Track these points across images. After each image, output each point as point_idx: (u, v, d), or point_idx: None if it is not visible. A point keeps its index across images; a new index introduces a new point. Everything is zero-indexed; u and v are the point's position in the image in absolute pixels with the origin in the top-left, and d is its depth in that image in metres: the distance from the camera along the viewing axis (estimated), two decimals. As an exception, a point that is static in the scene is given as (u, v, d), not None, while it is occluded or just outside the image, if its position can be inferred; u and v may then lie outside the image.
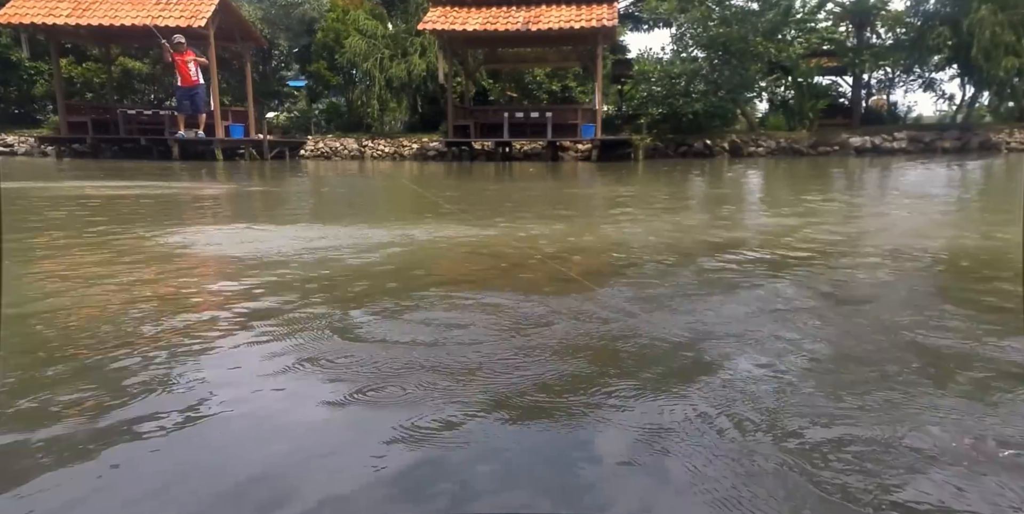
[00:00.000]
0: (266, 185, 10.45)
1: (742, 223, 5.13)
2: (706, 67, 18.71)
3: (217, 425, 1.38)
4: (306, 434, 1.34)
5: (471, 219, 5.09)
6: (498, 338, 1.93)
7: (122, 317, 2.17)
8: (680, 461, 1.20)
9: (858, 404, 1.44)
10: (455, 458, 1.22)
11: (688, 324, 2.08)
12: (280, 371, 1.67)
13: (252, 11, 25.08)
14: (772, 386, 1.55)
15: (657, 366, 1.70)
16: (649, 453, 1.23)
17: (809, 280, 2.77)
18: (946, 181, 9.73)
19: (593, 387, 1.55)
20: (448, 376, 1.62)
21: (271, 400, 1.50)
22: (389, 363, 1.71)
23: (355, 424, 1.38)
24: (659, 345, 1.87)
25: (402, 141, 20.92)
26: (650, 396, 1.50)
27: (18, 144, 20.80)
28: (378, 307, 2.31)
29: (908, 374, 1.63)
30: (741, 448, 1.24)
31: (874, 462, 1.19)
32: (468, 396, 1.49)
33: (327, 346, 1.86)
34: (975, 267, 3.12)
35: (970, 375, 1.62)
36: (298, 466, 1.19)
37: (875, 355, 1.79)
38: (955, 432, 1.30)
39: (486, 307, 2.30)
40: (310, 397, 1.52)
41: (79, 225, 4.79)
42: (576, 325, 2.07)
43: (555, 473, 1.17)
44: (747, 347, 1.84)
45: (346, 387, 1.55)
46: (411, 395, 1.50)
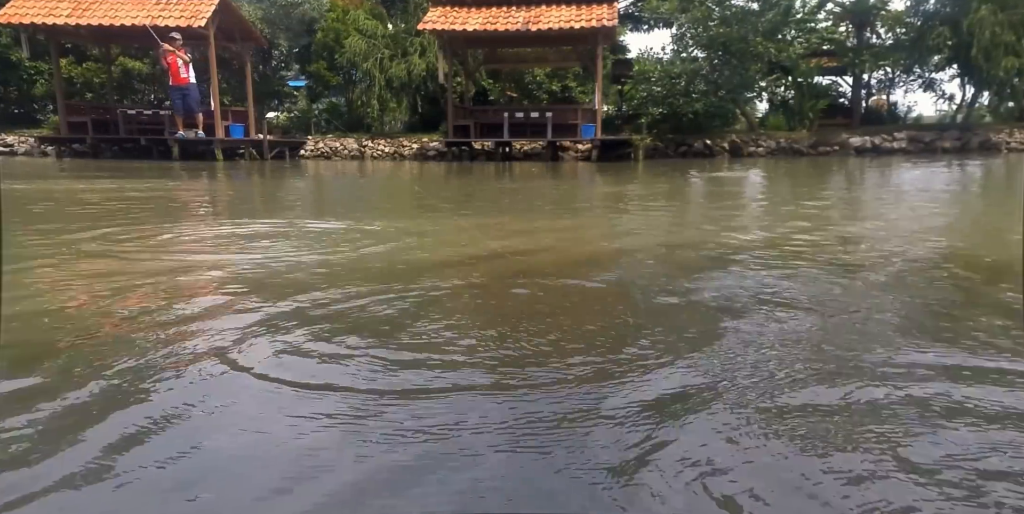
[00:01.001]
0: (250, 189, 10.44)
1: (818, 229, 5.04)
2: (706, 67, 18.71)
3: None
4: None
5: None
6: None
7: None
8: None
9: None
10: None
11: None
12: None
13: (252, 11, 25.08)
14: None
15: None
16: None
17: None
18: (968, 183, 9.65)
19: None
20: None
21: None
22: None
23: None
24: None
25: (402, 141, 20.93)
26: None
27: (18, 144, 20.81)
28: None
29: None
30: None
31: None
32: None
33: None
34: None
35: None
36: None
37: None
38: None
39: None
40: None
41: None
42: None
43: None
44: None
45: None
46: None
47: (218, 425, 1.37)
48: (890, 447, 1.24)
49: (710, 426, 1.34)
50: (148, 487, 1.13)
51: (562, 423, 1.35)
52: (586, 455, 1.22)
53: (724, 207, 6.42)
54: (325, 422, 1.36)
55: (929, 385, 1.55)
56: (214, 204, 7.10)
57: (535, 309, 2.31)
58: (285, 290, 2.56)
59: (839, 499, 1.08)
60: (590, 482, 1.13)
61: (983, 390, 1.52)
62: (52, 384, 1.59)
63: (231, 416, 1.42)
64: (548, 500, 1.08)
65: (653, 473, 1.15)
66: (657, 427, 1.33)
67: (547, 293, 2.56)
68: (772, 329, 2.01)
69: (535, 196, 7.94)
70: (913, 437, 1.29)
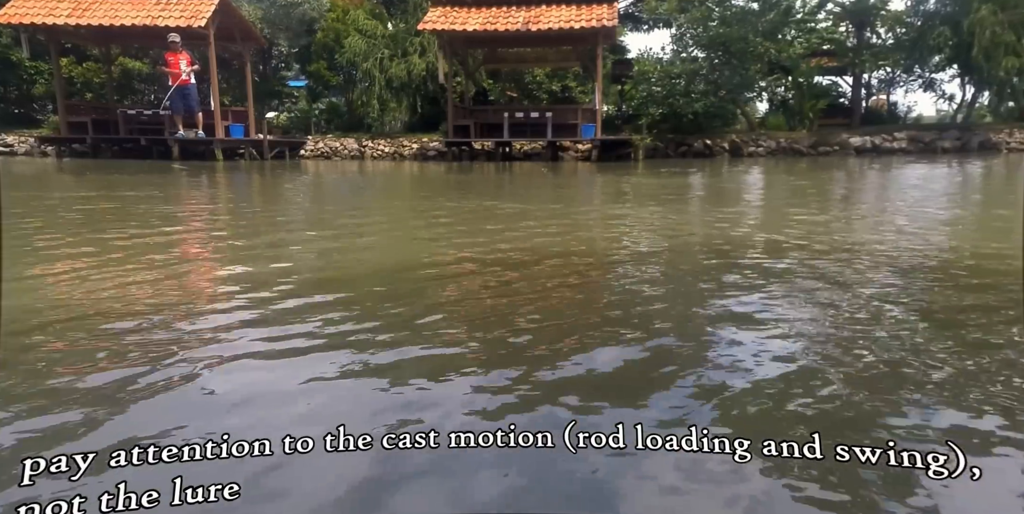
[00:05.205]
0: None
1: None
2: (706, 67, 18.70)
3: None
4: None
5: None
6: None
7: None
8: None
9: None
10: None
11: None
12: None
13: (252, 11, 25.03)
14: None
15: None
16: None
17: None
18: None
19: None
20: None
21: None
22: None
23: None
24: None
25: (402, 141, 20.92)
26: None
27: (18, 144, 20.78)
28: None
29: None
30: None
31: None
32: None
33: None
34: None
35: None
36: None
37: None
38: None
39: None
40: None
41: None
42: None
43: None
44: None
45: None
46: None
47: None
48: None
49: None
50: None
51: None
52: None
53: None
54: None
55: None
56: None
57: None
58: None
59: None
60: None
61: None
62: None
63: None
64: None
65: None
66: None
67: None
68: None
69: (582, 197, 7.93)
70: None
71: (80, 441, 1.34)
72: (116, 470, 1.17)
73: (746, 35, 17.80)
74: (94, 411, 1.47)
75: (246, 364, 1.79)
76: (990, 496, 1.14)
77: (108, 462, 1.17)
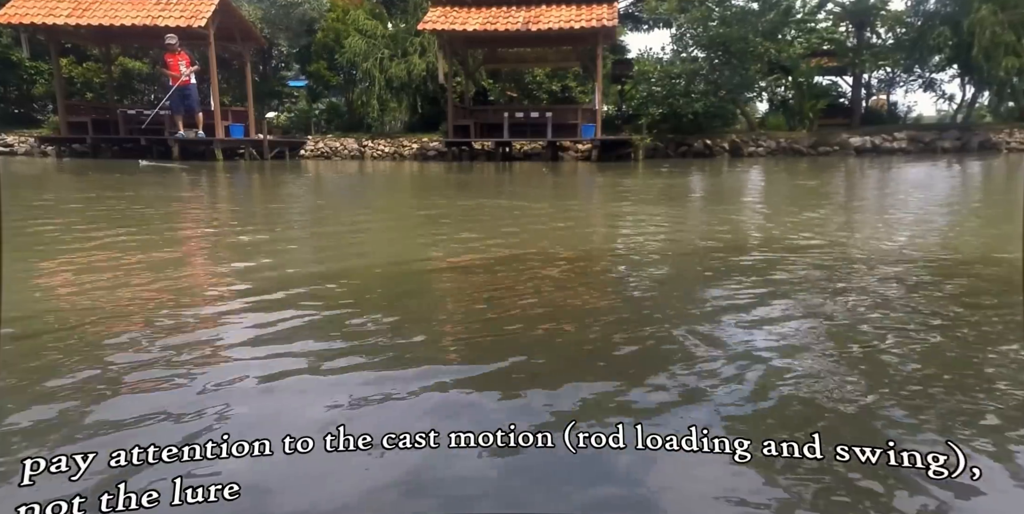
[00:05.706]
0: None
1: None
2: (706, 67, 18.69)
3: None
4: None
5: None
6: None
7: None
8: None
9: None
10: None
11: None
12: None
13: (252, 11, 25.03)
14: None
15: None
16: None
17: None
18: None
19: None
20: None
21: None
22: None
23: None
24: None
25: (402, 141, 20.91)
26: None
27: (18, 144, 20.76)
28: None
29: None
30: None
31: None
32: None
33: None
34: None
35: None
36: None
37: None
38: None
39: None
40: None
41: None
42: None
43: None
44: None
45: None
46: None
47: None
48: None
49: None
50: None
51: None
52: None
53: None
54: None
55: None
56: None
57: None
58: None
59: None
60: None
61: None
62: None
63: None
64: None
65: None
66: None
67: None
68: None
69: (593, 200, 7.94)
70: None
71: (80, 441, 1.34)
72: (116, 470, 1.17)
73: (746, 35, 17.79)
74: (94, 411, 1.47)
75: (246, 364, 1.79)
76: (990, 496, 1.14)
77: (108, 462, 1.17)
